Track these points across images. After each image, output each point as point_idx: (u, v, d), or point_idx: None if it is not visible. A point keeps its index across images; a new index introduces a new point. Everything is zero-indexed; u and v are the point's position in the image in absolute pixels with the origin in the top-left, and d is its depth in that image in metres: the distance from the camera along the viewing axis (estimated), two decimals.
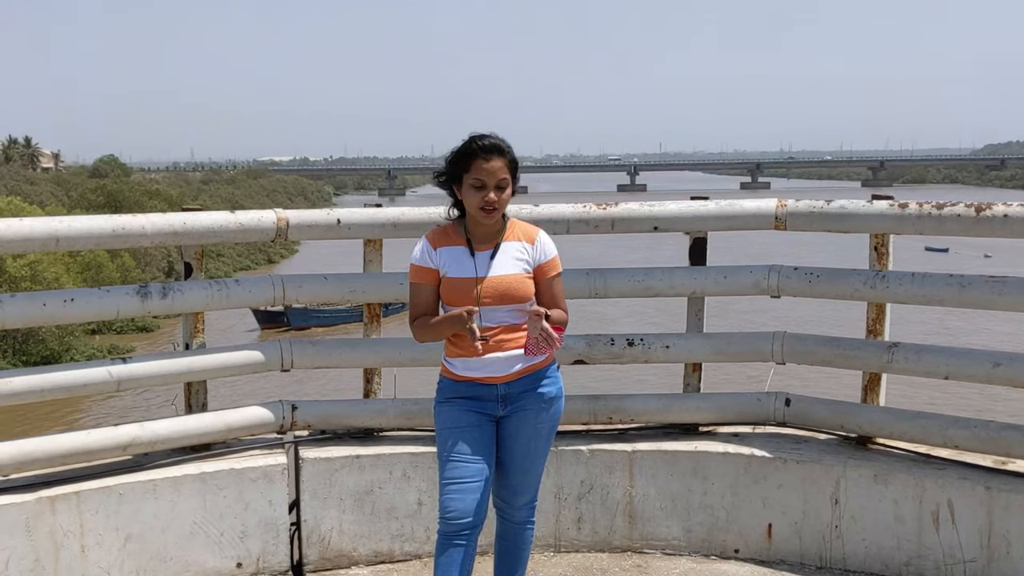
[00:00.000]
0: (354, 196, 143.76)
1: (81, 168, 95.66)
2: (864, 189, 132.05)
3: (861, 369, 4.53)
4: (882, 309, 4.48)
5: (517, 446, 3.46)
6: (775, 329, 4.84)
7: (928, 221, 4.25)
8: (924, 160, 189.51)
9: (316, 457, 4.50)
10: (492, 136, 3.33)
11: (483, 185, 3.30)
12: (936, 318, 27.76)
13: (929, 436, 4.34)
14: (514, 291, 3.34)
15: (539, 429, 3.47)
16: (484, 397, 3.41)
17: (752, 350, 4.75)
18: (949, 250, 44.64)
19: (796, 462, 4.44)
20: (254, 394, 17.30)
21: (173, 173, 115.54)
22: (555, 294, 3.43)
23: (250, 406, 4.63)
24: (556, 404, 3.50)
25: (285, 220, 4.54)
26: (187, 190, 72.96)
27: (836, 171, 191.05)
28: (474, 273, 3.34)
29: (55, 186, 61.89)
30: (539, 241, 3.43)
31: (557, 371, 3.54)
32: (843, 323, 21.78)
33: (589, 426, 4.77)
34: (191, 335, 4.51)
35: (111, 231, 4.14)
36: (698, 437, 4.71)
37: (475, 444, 3.37)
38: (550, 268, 3.43)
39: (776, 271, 4.63)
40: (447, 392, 3.46)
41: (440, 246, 3.40)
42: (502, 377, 3.39)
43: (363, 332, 4.78)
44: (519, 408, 3.43)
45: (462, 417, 3.40)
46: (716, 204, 4.66)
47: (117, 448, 4.25)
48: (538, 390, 3.44)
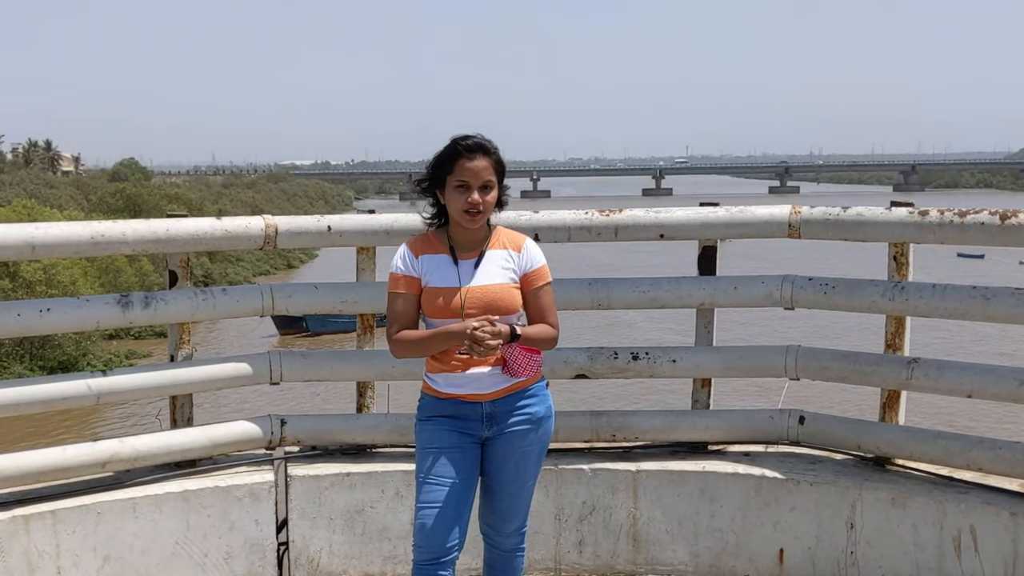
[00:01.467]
0: (375, 200, 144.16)
1: (101, 171, 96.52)
2: (896, 194, 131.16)
3: (879, 386, 4.36)
4: (902, 322, 4.30)
5: (504, 470, 3.31)
6: (788, 342, 4.67)
7: (950, 230, 4.07)
8: (957, 164, 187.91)
9: (305, 474, 4.40)
10: (476, 136, 3.19)
11: (467, 186, 3.16)
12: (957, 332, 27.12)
13: (951, 457, 4.17)
14: (500, 301, 3.19)
15: (527, 451, 3.32)
16: (468, 416, 3.26)
17: (764, 365, 4.58)
18: (985, 256, 42.99)
19: (810, 484, 4.29)
20: (242, 408, 17.12)
21: (194, 177, 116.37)
22: (542, 306, 3.27)
23: (237, 421, 4.53)
24: (545, 424, 3.34)
25: (274, 227, 4.42)
26: (207, 194, 73.36)
27: (867, 175, 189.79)
28: (458, 282, 3.20)
29: (75, 190, 62.38)
30: (525, 249, 3.28)
31: (546, 389, 3.38)
32: (851, 334, 21.52)
33: (591, 444, 4.63)
34: (177, 346, 4.40)
35: (90, 238, 4.04)
36: (706, 456, 4.56)
37: (455, 466, 3.22)
38: (537, 278, 3.27)
39: (790, 281, 4.46)
40: (429, 410, 3.31)
41: (422, 254, 3.26)
42: (487, 395, 3.24)
43: (356, 344, 4.65)
44: (505, 429, 3.28)
45: (443, 437, 3.25)
46: (726, 211, 4.50)
47: (96, 464, 4.15)
48: (526, 409, 3.29)
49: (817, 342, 5.08)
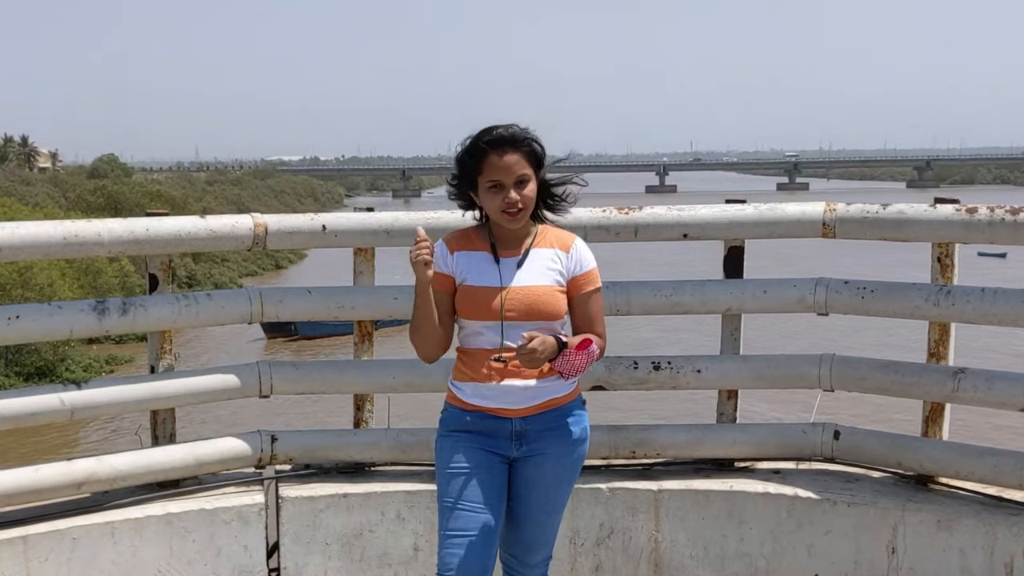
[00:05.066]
0: (367, 197, 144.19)
1: (80, 168, 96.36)
2: (910, 190, 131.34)
3: (922, 398, 4.22)
4: (946, 329, 4.15)
5: (533, 496, 3.15)
6: (822, 351, 4.51)
7: (1001, 228, 3.91)
8: (973, 159, 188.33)
9: (298, 495, 4.26)
10: (503, 126, 3.02)
11: (501, 185, 3.00)
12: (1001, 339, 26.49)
13: (1001, 476, 4.03)
14: (543, 305, 3.03)
15: (559, 477, 3.17)
16: (496, 433, 3.09)
17: (796, 375, 4.43)
18: (1007, 255, 42.60)
19: (847, 504, 4.15)
20: (230, 422, 16.84)
21: (176, 173, 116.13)
22: (591, 314, 3.12)
23: (224, 437, 4.39)
24: (580, 447, 3.19)
25: (263, 226, 4.26)
26: (191, 191, 73.22)
27: (879, 171, 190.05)
28: (499, 282, 3.04)
29: (52, 187, 62.20)
30: (575, 249, 3.13)
31: (583, 407, 3.22)
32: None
33: (609, 461, 4.49)
34: (157, 356, 4.24)
35: (62, 239, 3.88)
36: (734, 474, 4.42)
37: (483, 490, 3.06)
38: (586, 282, 3.12)
39: (824, 285, 4.31)
40: (452, 423, 3.15)
41: (458, 250, 3.11)
42: (519, 410, 3.08)
43: (353, 353, 4.49)
44: (537, 450, 3.12)
45: (469, 456, 3.09)
46: (755, 208, 4.34)
47: (71, 486, 4.01)
48: (560, 429, 3.12)
49: (846, 350, 4.91)
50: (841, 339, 23.70)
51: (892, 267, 27.78)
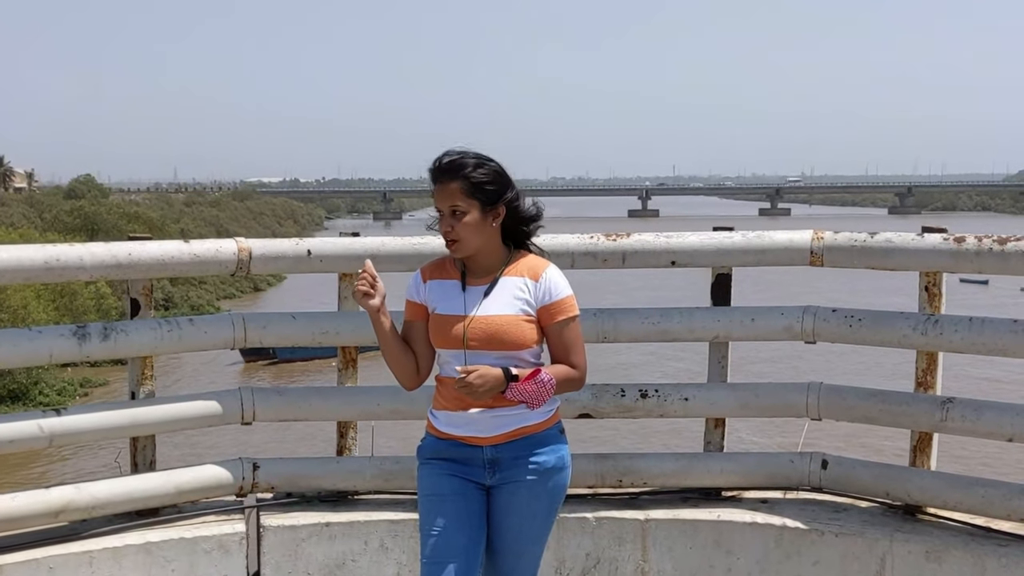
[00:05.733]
0: (348, 220, 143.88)
1: (56, 188, 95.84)
2: (891, 217, 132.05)
3: (910, 427, 4.23)
4: (934, 358, 4.17)
5: (508, 525, 3.13)
6: (809, 379, 4.52)
7: (989, 258, 3.94)
8: (955, 186, 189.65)
9: (280, 524, 4.22)
10: (451, 153, 3.03)
11: (440, 213, 3.05)
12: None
13: (990, 507, 4.03)
14: (504, 335, 3.01)
15: (534, 507, 3.14)
16: (469, 460, 3.10)
17: (783, 403, 4.44)
18: (989, 282, 42.62)
19: (835, 534, 4.14)
20: (211, 449, 16.58)
21: (154, 194, 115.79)
22: (565, 343, 3.07)
23: (205, 464, 4.36)
24: (557, 477, 3.16)
25: (248, 251, 4.24)
26: (169, 212, 72.90)
27: (861, 197, 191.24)
28: (463, 311, 3.04)
29: (27, 207, 61.83)
30: (544, 278, 3.07)
31: (561, 436, 3.19)
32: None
33: (596, 490, 4.47)
34: (138, 382, 4.21)
35: (43, 263, 3.85)
36: (721, 504, 4.40)
37: (458, 516, 3.07)
38: (557, 311, 3.07)
39: (811, 313, 4.32)
40: (428, 451, 3.17)
41: (431, 279, 3.14)
42: (488, 438, 3.08)
43: (337, 379, 4.46)
44: (510, 478, 3.10)
45: (443, 483, 3.10)
46: (743, 236, 4.36)
47: (48, 514, 3.95)
48: (533, 458, 3.10)
49: (836, 378, 4.92)
50: (828, 356, 23.67)
51: (872, 292, 27.92)
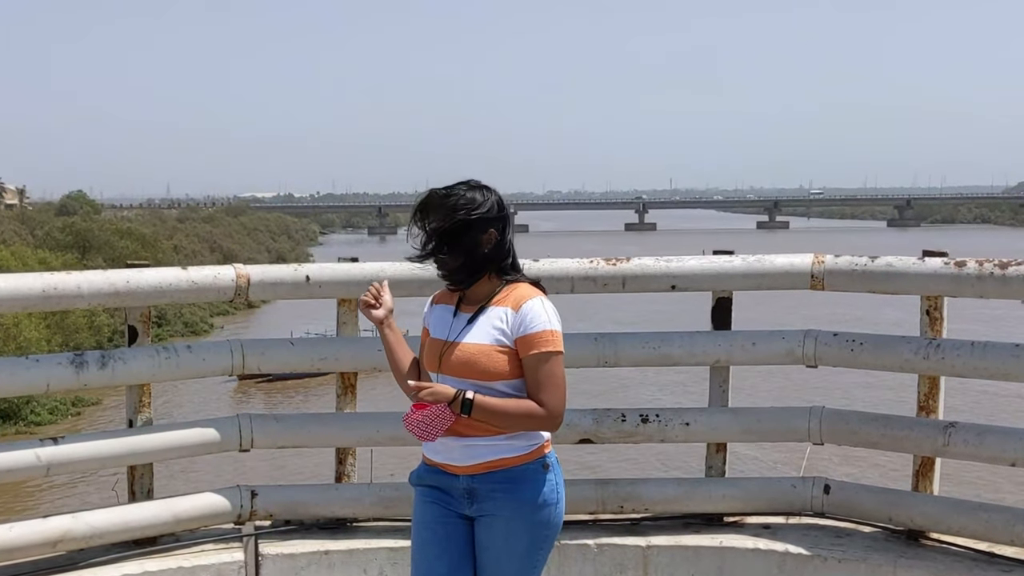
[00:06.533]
0: (342, 235, 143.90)
1: (48, 205, 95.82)
2: (891, 229, 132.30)
3: (912, 452, 4.24)
4: (936, 383, 4.19)
5: (485, 560, 3.08)
6: (812, 404, 4.53)
7: (990, 283, 3.96)
8: (954, 198, 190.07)
9: (279, 552, 4.22)
10: (436, 191, 3.04)
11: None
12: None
13: (993, 532, 4.05)
14: (476, 363, 2.99)
15: (512, 545, 3.04)
16: (449, 489, 3.10)
17: (786, 428, 4.46)
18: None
19: (838, 560, 4.14)
20: (209, 476, 16.47)
21: (147, 210, 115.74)
22: (538, 379, 2.96)
23: (203, 492, 4.36)
24: (540, 513, 3.04)
25: (246, 277, 4.25)
26: (161, 229, 72.91)
27: (860, 209, 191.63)
28: (446, 336, 3.08)
29: (19, 224, 61.84)
30: (524, 310, 2.98)
31: (545, 472, 3.06)
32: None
33: (597, 516, 4.47)
34: (136, 409, 4.21)
35: (41, 292, 3.85)
36: (723, 530, 4.41)
37: (438, 544, 3.08)
38: (531, 344, 2.96)
39: (812, 337, 4.34)
40: (415, 477, 3.21)
41: (436, 303, 3.21)
42: (464, 468, 3.05)
43: (336, 405, 4.47)
44: (487, 511, 3.05)
45: (426, 510, 3.13)
46: (743, 260, 4.38)
47: (45, 544, 3.95)
48: (512, 492, 3.02)
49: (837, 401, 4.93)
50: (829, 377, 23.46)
51: (872, 305, 27.81)
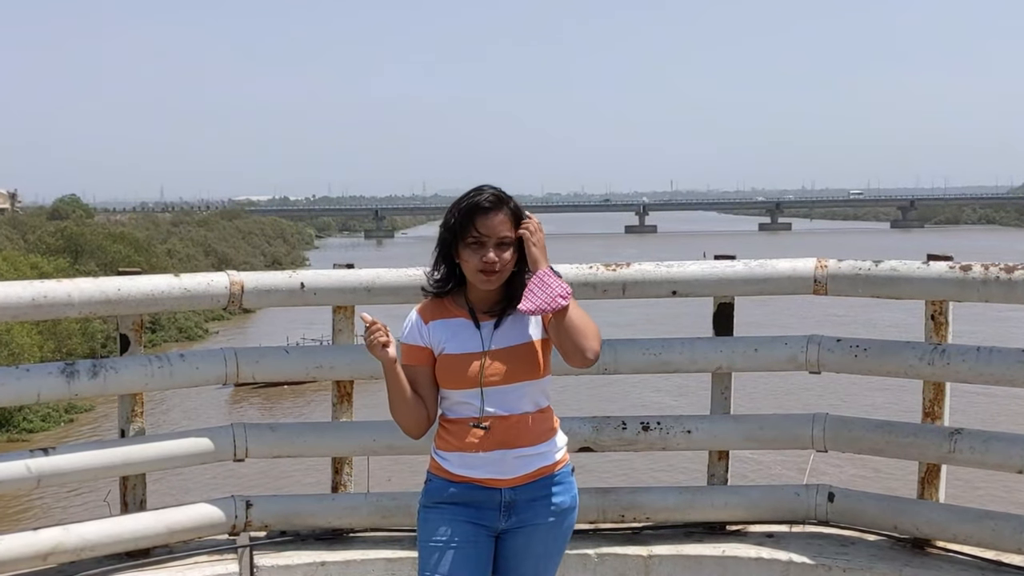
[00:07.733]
0: (338, 239, 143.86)
1: (40, 209, 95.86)
2: (894, 230, 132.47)
3: (917, 459, 4.23)
4: (941, 389, 4.18)
5: (522, 569, 3.09)
6: (815, 410, 4.53)
7: (996, 287, 3.95)
8: (958, 199, 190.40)
9: (274, 564, 4.21)
10: (489, 187, 3.02)
11: (481, 243, 2.97)
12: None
13: (1000, 540, 4.04)
14: (527, 362, 3.00)
15: (549, 548, 3.11)
16: (483, 504, 3.03)
17: (789, 435, 4.45)
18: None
19: (842, 569, 4.14)
20: (202, 486, 16.34)
21: (140, 214, 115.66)
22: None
23: (197, 503, 4.35)
24: (570, 517, 3.14)
25: (240, 284, 4.25)
26: (155, 233, 72.98)
27: (863, 211, 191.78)
28: (480, 347, 3.01)
29: (11, 228, 61.84)
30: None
31: (572, 475, 3.16)
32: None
33: (597, 525, 4.46)
34: (128, 419, 4.20)
35: (30, 301, 3.84)
36: (726, 538, 4.40)
37: (468, 564, 3.01)
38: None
39: (816, 343, 4.33)
40: (436, 495, 3.07)
41: (433, 319, 3.06)
42: (508, 480, 3.02)
43: (331, 414, 4.46)
44: (527, 521, 3.06)
45: (455, 529, 3.02)
46: (744, 265, 4.37)
47: (36, 557, 3.94)
48: (550, 498, 3.07)
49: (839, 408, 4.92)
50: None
51: (875, 305, 27.74)
